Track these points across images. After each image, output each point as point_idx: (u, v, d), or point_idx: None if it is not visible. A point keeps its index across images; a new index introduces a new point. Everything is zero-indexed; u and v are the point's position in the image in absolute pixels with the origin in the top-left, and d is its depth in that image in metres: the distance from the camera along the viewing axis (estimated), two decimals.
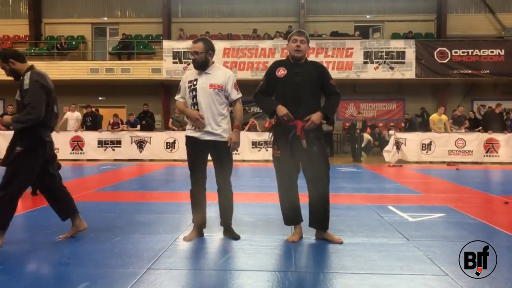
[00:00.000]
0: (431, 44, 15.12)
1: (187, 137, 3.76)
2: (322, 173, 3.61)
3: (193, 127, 3.69)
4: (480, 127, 12.93)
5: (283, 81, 3.62)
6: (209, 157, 3.77)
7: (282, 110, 3.53)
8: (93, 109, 14.29)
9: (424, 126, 14.44)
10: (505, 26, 16.94)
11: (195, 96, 3.65)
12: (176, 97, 3.84)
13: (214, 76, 3.68)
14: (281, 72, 3.64)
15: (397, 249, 3.48)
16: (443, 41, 15.60)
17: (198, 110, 3.65)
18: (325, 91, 3.70)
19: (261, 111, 3.94)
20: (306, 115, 3.56)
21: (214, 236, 3.86)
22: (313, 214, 3.67)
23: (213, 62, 3.73)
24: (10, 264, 3.14)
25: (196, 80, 3.68)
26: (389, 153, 11.90)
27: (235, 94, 3.73)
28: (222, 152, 3.70)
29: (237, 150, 4.05)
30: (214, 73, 3.70)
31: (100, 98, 17.19)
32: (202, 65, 3.67)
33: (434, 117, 12.99)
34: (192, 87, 3.68)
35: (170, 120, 13.42)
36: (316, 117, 3.53)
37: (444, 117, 13.00)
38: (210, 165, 3.74)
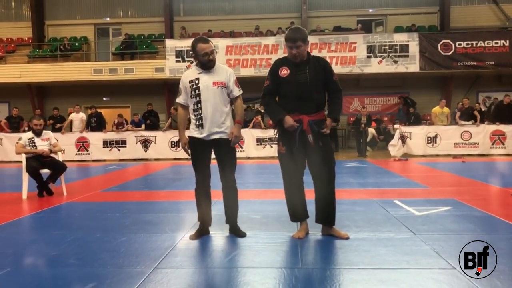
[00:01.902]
0: (434, 37, 15.00)
1: (191, 138, 3.73)
2: (327, 169, 3.60)
3: (197, 128, 3.68)
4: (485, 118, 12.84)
5: (286, 81, 3.59)
6: (213, 155, 3.77)
7: (288, 121, 3.54)
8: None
9: (410, 108, 14.25)
10: (509, 17, 16.78)
11: (198, 95, 3.63)
12: (178, 100, 3.77)
13: (216, 74, 3.67)
14: (284, 71, 3.62)
15: (404, 244, 3.46)
16: (447, 33, 15.48)
17: (201, 108, 3.64)
18: (327, 87, 3.69)
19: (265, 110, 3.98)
20: (312, 110, 3.57)
21: (220, 234, 3.86)
22: (319, 210, 3.67)
23: None
24: (18, 265, 3.16)
25: (197, 79, 3.65)
26: (395, 147, 11.88)
27: (237, 91, 3.73)
28: (226, 149, 3.70)
29: (241, 147, 4.07)
30: (215, 70, 3.69)
31: (104, 99, 17.27)
32: (214, 64, 3.69)
33: (436, 110, 12.89)
34: (194, 86, 3.65)
35: (169, 120, 13.44)
36: (329, 122, 3.65)
37: (446, 109, 12.92)
38: (214, 163, 3.75)
